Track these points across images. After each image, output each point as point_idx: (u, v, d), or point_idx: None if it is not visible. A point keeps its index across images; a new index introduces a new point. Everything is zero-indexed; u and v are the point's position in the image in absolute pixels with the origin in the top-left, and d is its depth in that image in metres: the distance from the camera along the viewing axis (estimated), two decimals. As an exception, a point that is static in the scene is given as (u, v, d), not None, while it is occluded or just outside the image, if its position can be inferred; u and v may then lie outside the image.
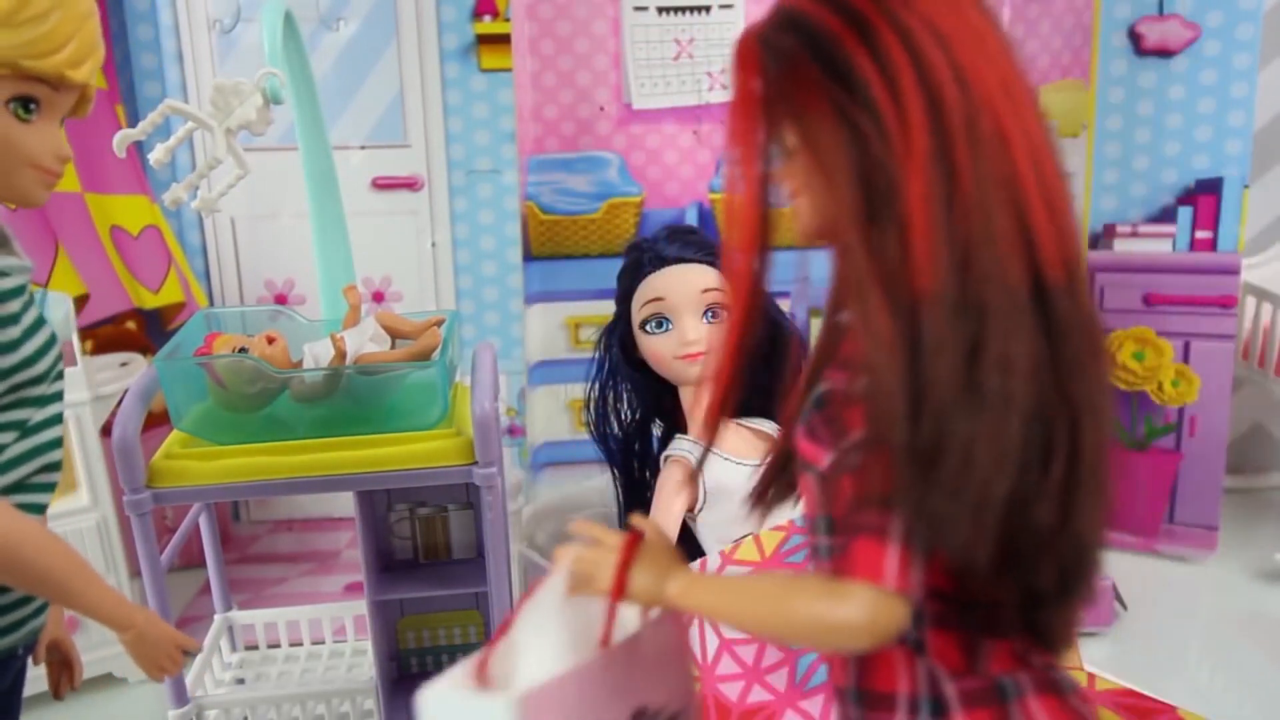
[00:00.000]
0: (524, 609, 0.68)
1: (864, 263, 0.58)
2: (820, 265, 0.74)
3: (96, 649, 1.86)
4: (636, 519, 0.73)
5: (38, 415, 0.90)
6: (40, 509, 0.92)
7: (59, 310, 1.72)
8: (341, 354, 1.40)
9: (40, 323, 0.89)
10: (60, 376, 0.93)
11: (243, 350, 1.39)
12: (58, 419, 0.93)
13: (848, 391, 0.61)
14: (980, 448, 0.55)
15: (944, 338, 0.55)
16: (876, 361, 0.56)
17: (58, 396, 0.93)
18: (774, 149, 0.64)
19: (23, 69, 0.80)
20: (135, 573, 1.86)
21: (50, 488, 0.94)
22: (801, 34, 0.60)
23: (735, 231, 0.64)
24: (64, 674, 1.08)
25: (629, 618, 0.70)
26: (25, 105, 0.82)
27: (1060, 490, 0.58)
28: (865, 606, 0.57)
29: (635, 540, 0.69)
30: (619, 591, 0.66)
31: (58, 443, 0.93)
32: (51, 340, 0.90)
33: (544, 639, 0.66)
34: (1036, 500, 0.57)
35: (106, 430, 1.68)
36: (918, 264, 0.56)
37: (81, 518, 1.86)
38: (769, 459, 0.76)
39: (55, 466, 0.94)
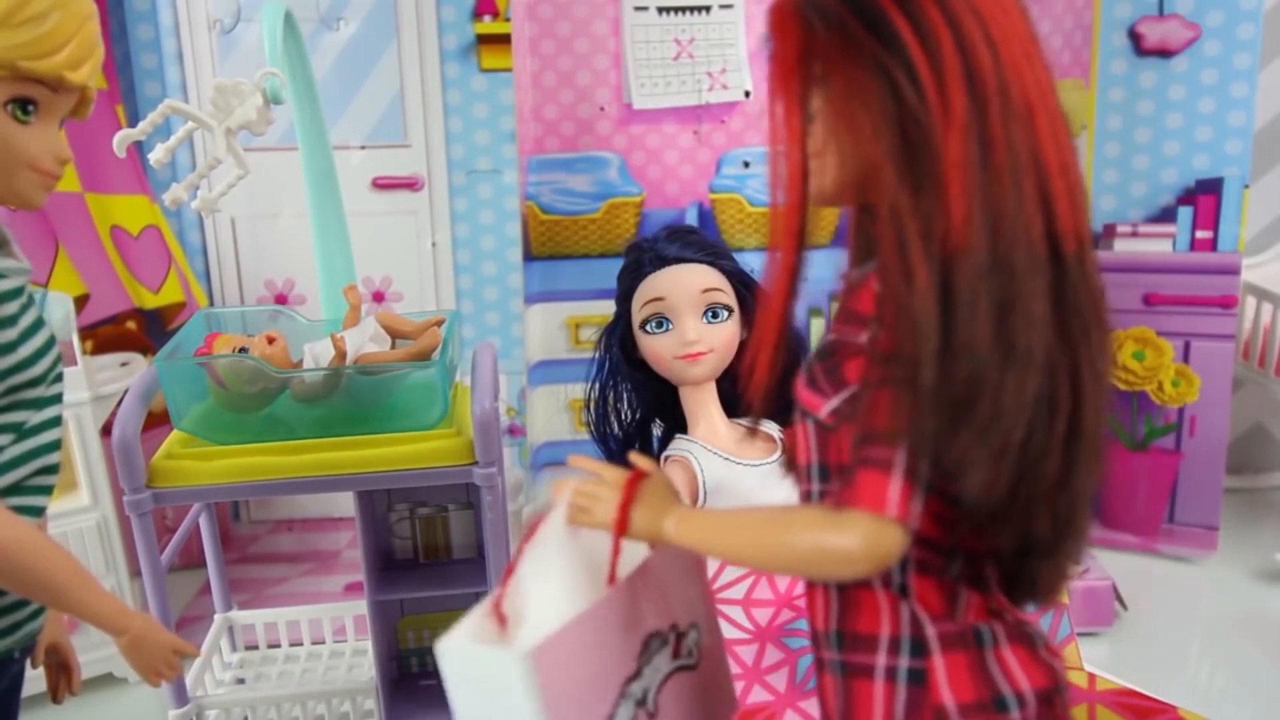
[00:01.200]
0: (527, 549, 0.69)
1: (906, 213, 0.60)
2: (820, 265, 0.74)
3: (96, 649, 1.86)
4: (636, 457, 0.74)
5: (35, 418, 0.90)
6: (38, 511, 0.92)
7: (59, 310, 1.72)
8: (341, 354, 1.41)
9: (39, 324, 0.89)
10: (59, 379, 0.93)
11: (243, 350, 1.39)
12: (56, 421, 0.93)
13: (852, 343, 0.64)
14: (1007, 396, 0.58)
15: (978, 291, 0.58)
16: (914, 308, 0.59)
17: (56, 399, 0.93)
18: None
19: (21, 70, 0.80)
20: (135, 573, 1.86)
21: (48, 490, 0.93)
22: None
23: (781, 184, 0.66)
24: (63, 678, 1.08)
25: (634, 549, 0.71)
26: (24, 107, 0.82)
27: (1063, 446, 0.61)
28: (865, 533, 0.59)
29: (637, 477, 0.71)
30: (621, 528, 0.68)
31: (56, 445, 0.93)
32: (50, 343, 0.90)
33: (549, 582, 0.67)
34: (1044, 453, 0.60)
35: (106, 430, 1.68)
36: (954, 222, 0.59)
37: (81, 518, 1.86)
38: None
39: (53, 469, 0.93)
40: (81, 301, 2.03)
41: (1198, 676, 1.98)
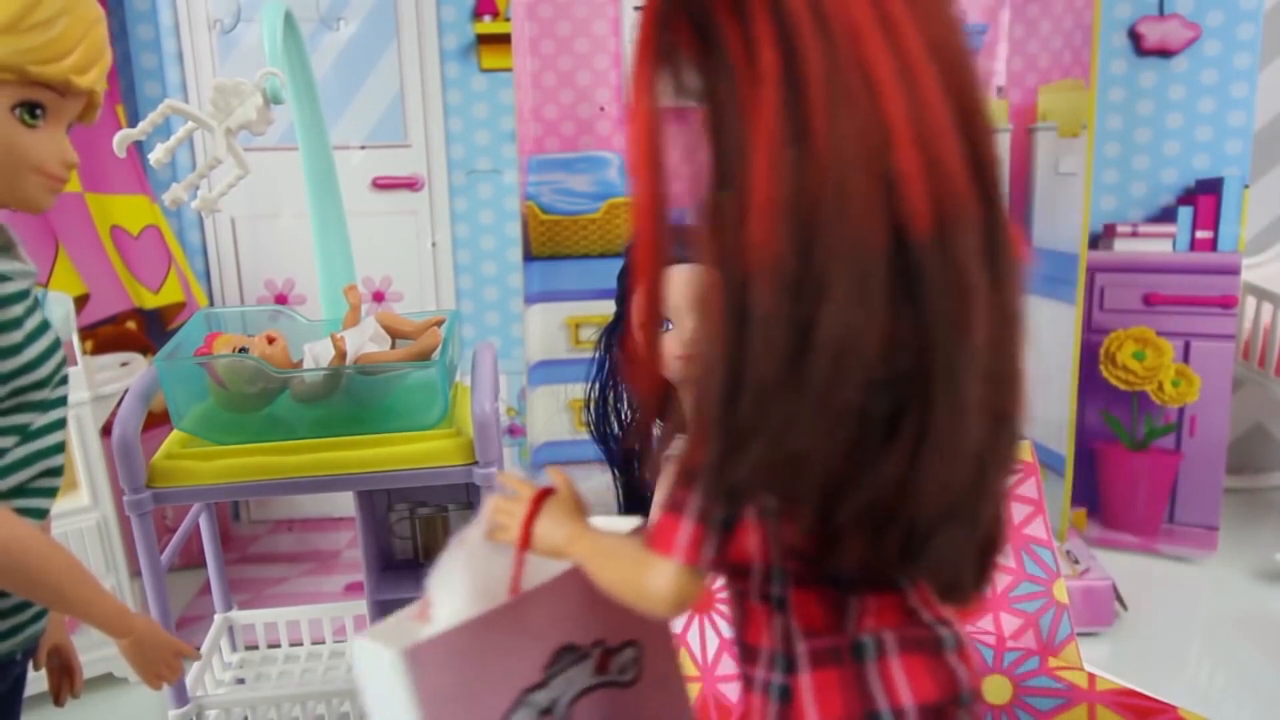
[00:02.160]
0: (441, 559, 0.71)
1: (702, 233, 0.55)
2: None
3: (97, 649, 1.86)
4: (552, 471, 0.74)
5: (40, 420, 0.90)
6: (42, 514, 0.92)
7: (59, 310, 1.72)
8: (341, 354, 1.41)
9: (45, 327, 0.89)
10: (64, 381, 0.93)
11: (243, 350, 1.39)
12: (61, 424, 0.93)
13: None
14: (800, 425, 0.53)
15: (773, 314, 0.52)
16: (704, 337, 0.55)
17: (61, 401, 0.93)
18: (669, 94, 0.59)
19: (29, 75, 0.80)
20: (135, 573, 1.86)
21: (52, 492, 0.93)
22: None
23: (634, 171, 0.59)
24: (64, 680, 1.08)
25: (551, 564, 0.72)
26: (32, 111, 0.82)
27: (906, 456, 0.54)
28: (669, 577, 0.58)
29: (544, 494, 0.70)
30: (523, 543, 0.68)
31: (60, 448, 0.93)
32: (55, 345, 0.90)
33: (453, 591, 0.69)
34: (873, 466, 0.54)
35: (106, 430, 1.68)
36: (753, 235, 0.52)
37: (81, 518, 1.86)
38: None
39: (57, 471, 0.93)
40: (81, 301, 2.03)
41: (1198, 676, 1.98)
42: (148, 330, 2.31)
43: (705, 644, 1.13)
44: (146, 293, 2.23)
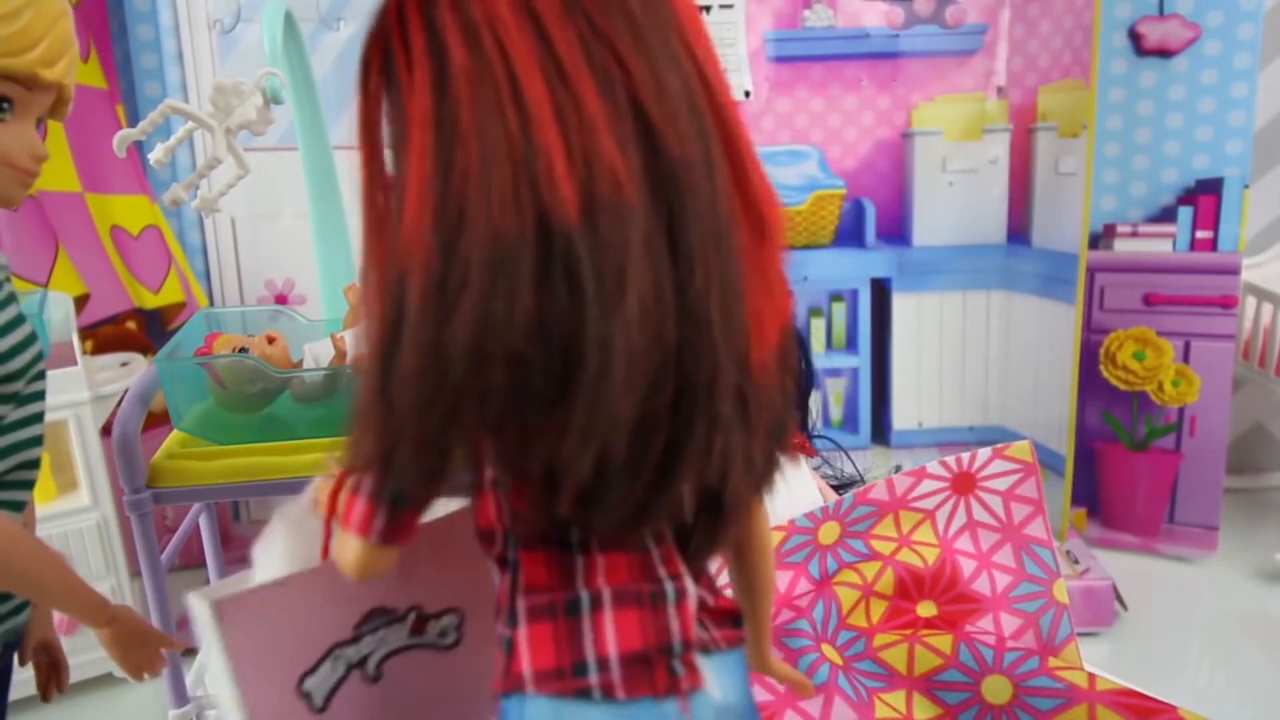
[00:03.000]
0: (264, 531, 0.78)
1: (367, 237, 0.60)
2: (820, 265, 0.74)
3: (96, 649, 1.84)
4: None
5: (14, 414, 0.90)
6: (18, 506, 0.92)
7: (59, 310, 1.72)
8: (342, 354, 1.41)
9: (19, 320, 0.88)
10: (41, 376, 0.93)
11: (243, 350, 1.39)
12: (38, 418, 0.93)
13: None
14: (441, 410, 0.57)
15: (422, 309, 0.56)
16: (364, 334, 0.59)
17: (38, 395, 0.93)
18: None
19: None
20: (135, 573, 1.86)
21: (29, 485, 0.94)
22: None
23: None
24: (52, 676, 1.08)
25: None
26: None
27: (566, 421, 0.57)
28: (350, 549, 0.65)
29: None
30: (330, 511, 0.71)
31: (37, 440, 0.93)
32: (30, 338, 0.90)
33: (270, 554, 0.76)
34: (540, 432, 0.58)
35: (106, 430, 1.68)
36: (406, 235, 0.56)
37: (81, 518, 1.86)
38: None
39: (34, 464, 0.93)
40: (81, 301, 2.03)
41: (1198, 676, 1.98)
42: (148, 330, 2.31)
43: (705, 644, 1.13)
44: (146, 293, 2.23)
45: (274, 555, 0.76)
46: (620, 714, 0.63)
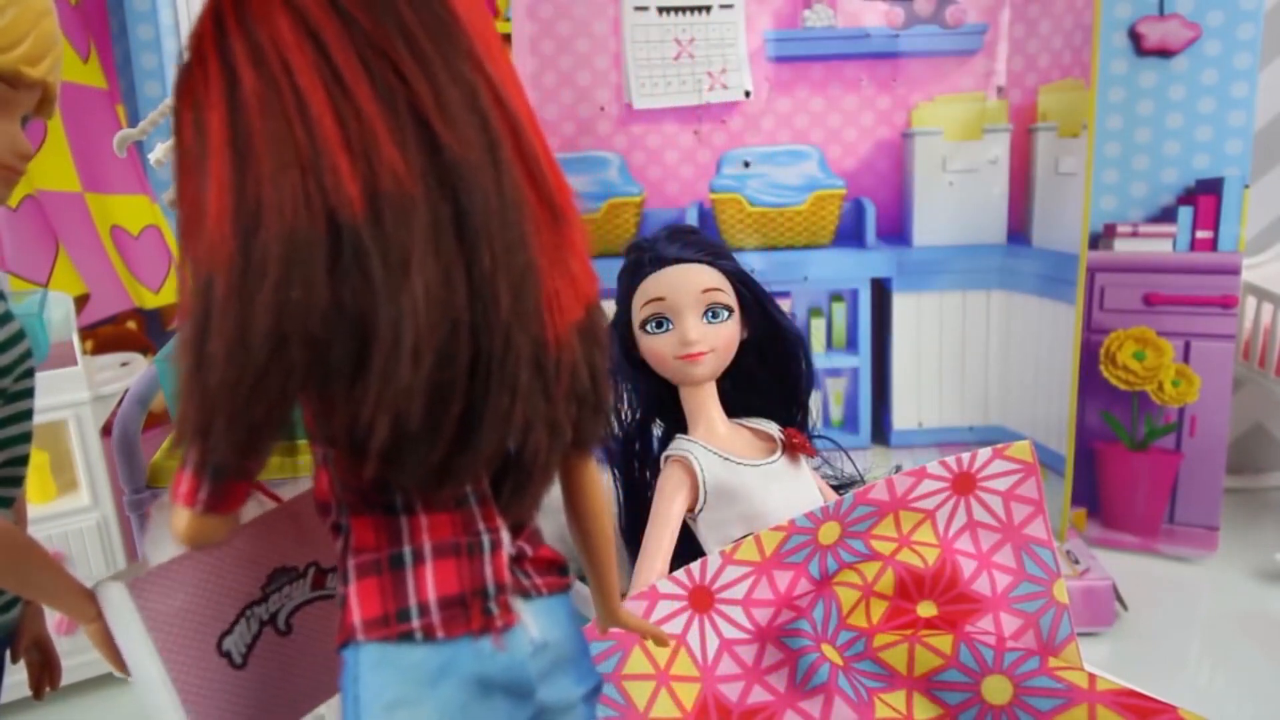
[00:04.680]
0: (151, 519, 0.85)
1: (182, 241, 0.65)
2: (821, 265, 0.74)
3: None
4: None
5: (2, 411, 0.89)
6: (7, 503, 0.92)
7: (59, 310, 1.72)
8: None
9: (6, 317, 0.88)
10: (30, 374, 0.92)
11: (243, 350, 1.39)
12: (27, 415, 0.93)
13: None
14: (246, 387, 0.62)
15: (226, 303, 0.61)
16: (181, 326, 0.64)
17: (27, 394, 0.92)
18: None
19: None
20: (135, 573, 1.86)
21: (18, 482, 0.93)
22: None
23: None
24: (45, 674, 1.08)
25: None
26: None
27: (364, 392, 0.63)
28: (179, 518, 0.70)
29: None
30: None
31: (26, 438, 0.93)
32: (19, 336, 0.90)
33: (159, 547, 0.81)
34: (345, 404, 0.64)
35: (107, 430, 1.68)
36: (211, 238, 0.62)
37: (81, 518, 1.86)
38: None
39: (23, 461, 0.93)
40: (81, 301, 2.03)
41: (1198, 676, 1.98)
42: (148, 330, 2.31)
43: (705, 644, 1.13)
44: (147, 293, 2.23)
45: (166, 547, 0.80)
46: (441, 652, 0.69)
